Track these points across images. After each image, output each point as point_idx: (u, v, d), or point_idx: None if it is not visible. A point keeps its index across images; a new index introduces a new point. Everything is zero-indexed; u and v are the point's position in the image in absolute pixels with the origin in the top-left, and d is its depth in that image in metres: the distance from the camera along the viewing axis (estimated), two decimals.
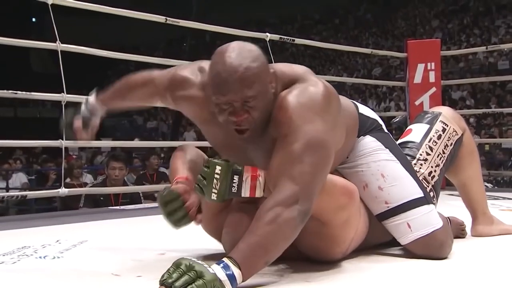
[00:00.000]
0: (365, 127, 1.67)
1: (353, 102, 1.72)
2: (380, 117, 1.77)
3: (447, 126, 1.82)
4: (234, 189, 1.39)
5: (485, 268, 1.53)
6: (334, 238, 1.48)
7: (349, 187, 1.45)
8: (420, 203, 1.60)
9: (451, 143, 1.82)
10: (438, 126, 1.82)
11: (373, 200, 1.62)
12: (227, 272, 1.19)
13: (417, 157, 1.76)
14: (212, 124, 1.49)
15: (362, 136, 1.65)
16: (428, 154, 1.78)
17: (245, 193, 1.40)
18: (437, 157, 1.78)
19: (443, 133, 1.81)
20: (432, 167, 1.76)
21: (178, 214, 1.38)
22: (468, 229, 1.98)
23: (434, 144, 1.79)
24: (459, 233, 1.94)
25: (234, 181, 1.39)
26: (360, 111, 1.69)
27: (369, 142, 1.65)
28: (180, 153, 1.58)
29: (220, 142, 1.54)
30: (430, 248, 1.58)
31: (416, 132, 1.83)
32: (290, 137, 1.34)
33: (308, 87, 1.40)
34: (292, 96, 1.38)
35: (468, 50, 9.42)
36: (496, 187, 5.45)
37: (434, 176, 1.76)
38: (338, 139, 1.47)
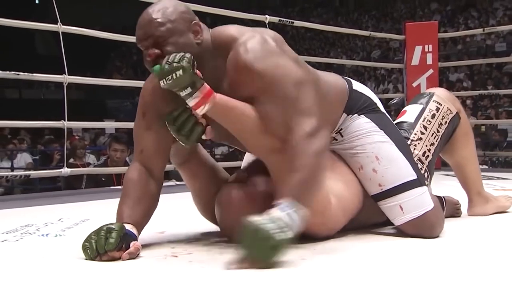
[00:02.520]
0: (359, 104, 1.65)
1: (347, 79, 1.71)
2: (379, 99, 1.76)
3: (441, 105, 1.82)
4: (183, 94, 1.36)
5: (474, 247, 1.53)
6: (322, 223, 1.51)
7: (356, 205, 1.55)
8: (413, 186, 1.59)
9: (446, 122, 1.81)
10: (432, 105, 1.81)
11: (367, 182, 1.62)
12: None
13: (411, 137, 1.76)
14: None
15: (356, 115, 1.64)
16: (422, 133, 1.77)
17: (191, 103, 1.37)
18: (432, 136, 1.78)
19: (437, 112, 1.80)
20: (426, 146, 1.76)
21: (188, 125, 1.41)
22: (464, 209, 1.98)
23: (428, 123, 1.78)
24: (454, 212, 1.95)
25: (186, 91, 1.36)
26: (354, 87, 1.68)
27: (364, 123, 1.64)
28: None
29: None
30: (422, 229, 1.59)
31: (410, 112, 1.82)
32: (271, 88, 1.38)
33: (251, 39, 1.43)
34: (245, 53, 1.41)
35: (465, 32, 9.35)
36: (491, 168, 5.46)
37: (428, 156, 1.75)
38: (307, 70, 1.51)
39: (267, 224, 1.21)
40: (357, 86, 1.70)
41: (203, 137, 1.44)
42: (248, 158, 1.72)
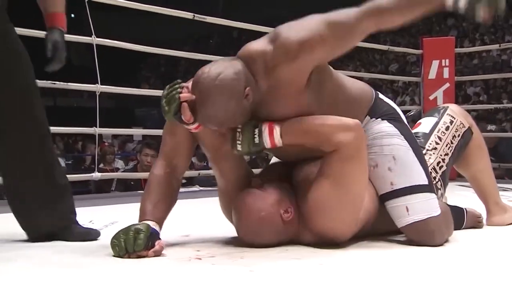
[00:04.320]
0: (382, 110, 1.66)
1: (374, 91, 1.72)
2: None
3: (454, 119, 1.83)
4: (256, 140, 1.45)
5: (478, 258, 1.50)
6: (349, 200, 1.48)
7: (349, 121, 1.47)
8: (423, 190, 1.58)
9: (459, 135, 1.82)
10: (446, 118, 1.83)
11: (379, 180, 1.60)
12: None
13: (426, 147, 1.76)
14: None
15: (380, 119, 1.64)
16: (437, 143, 1.78)
17: (267, 142, 1.46)
18: (446, 146, 1.78)
19: (451, 124, 1.81)
20: (441, 155, 1.76)
21: (171, 94, 1.45)
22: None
23: (443, 134, 1.79)
24: (476, 224, 1.91)
25: (255, 134, 1.46)
26: (379, 96, 1.70)
27: (385, 126, 1.64)
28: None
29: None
30: (422, 234, 1.56)
31: (425, 124, 1.84)
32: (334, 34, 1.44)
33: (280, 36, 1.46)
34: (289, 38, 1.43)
35: (481, 47, 9.27)
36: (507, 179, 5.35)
37: (442, 166, 1.75)
38: None
39: None
40: (383, 96, 1.72)
41: (183, 117, 1.44)
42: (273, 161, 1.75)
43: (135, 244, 1.37)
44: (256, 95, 1.46)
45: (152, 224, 1.45)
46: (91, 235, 1.73)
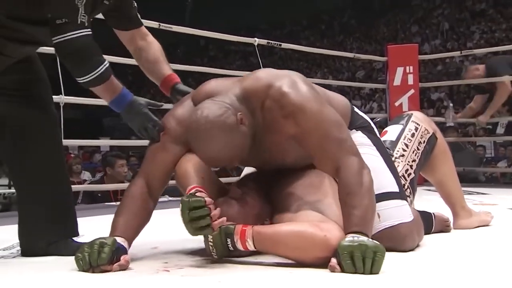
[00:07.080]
0: (357, 123, 1.71)
1: (351, 104, 1.77)
2: None
3: (419, 125, 1.88)
4: (230, 248, 1.42)
5: (449, 262, 1.52)
6: None
7: (328, 243, 1.35)
8: (393, 197, 1.60)
9: (424, 141, 1.86)
10: (411, 125, 1.87)
11: None
12: None
13: (394, 154, 1.79)
14: None
15: (354, 130, 1.68)
16: (404, 150, 1.82)
17: (240, 248, 1.42)
18: (413, 153, 1.82)
19: (416, 131, 1.86)
20: (408, 162, 1.80)
21: (201, 222, 1.37)
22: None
23: (409, 141, 1.83)
24: (444, 228, 1.95)
25: (228, 243, 1.42)
26: (355, 110, 1.75)
27: (358, 136, 1.67)
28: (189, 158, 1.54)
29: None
30: (394, 240, 1.57)
31: (391, 132, 1.87)
32: (319, 129, 1.44)
33: (285, 84, 1.48)
34: (289, 98, 1.45)
35: (444, 54, 9.50)
36: (487, 183, 5.47)
37: (410, 173, 1.78)
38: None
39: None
40: (357, 110, 1.77)
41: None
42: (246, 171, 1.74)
43: (98, 257, 1.35)
44: (253, 124, 1.47)
45: (120, 240, 1.42)
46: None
